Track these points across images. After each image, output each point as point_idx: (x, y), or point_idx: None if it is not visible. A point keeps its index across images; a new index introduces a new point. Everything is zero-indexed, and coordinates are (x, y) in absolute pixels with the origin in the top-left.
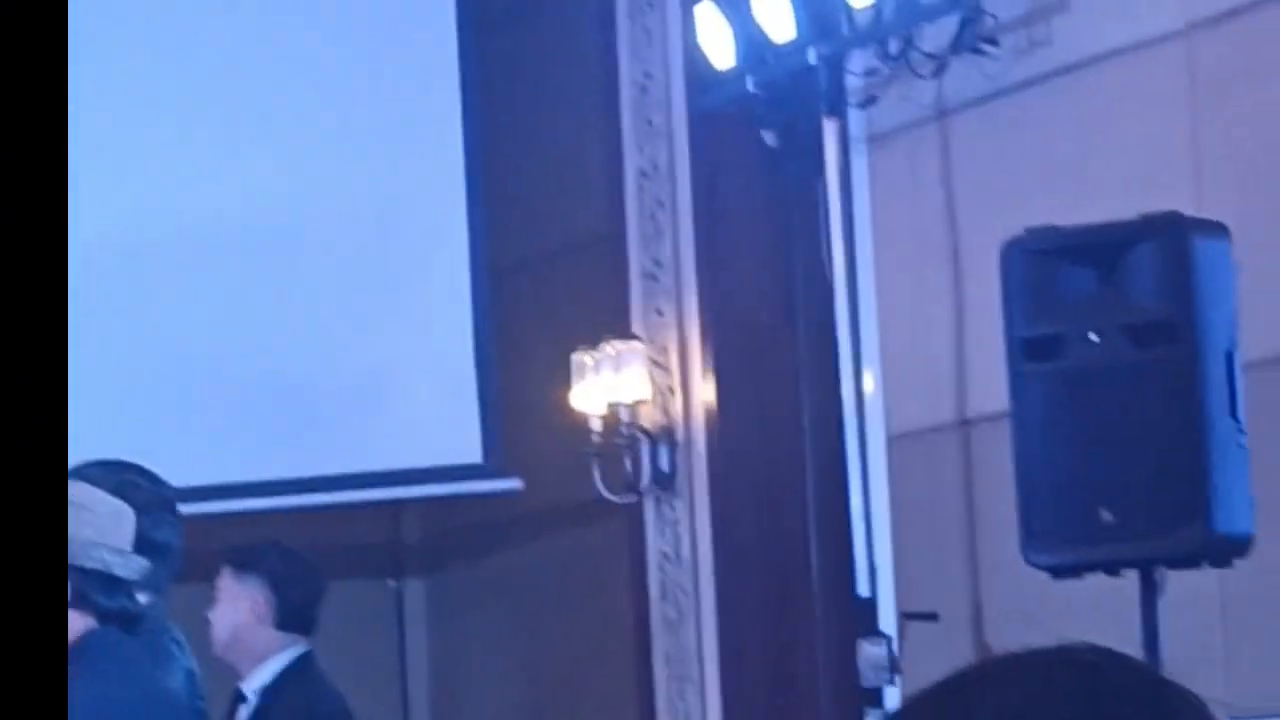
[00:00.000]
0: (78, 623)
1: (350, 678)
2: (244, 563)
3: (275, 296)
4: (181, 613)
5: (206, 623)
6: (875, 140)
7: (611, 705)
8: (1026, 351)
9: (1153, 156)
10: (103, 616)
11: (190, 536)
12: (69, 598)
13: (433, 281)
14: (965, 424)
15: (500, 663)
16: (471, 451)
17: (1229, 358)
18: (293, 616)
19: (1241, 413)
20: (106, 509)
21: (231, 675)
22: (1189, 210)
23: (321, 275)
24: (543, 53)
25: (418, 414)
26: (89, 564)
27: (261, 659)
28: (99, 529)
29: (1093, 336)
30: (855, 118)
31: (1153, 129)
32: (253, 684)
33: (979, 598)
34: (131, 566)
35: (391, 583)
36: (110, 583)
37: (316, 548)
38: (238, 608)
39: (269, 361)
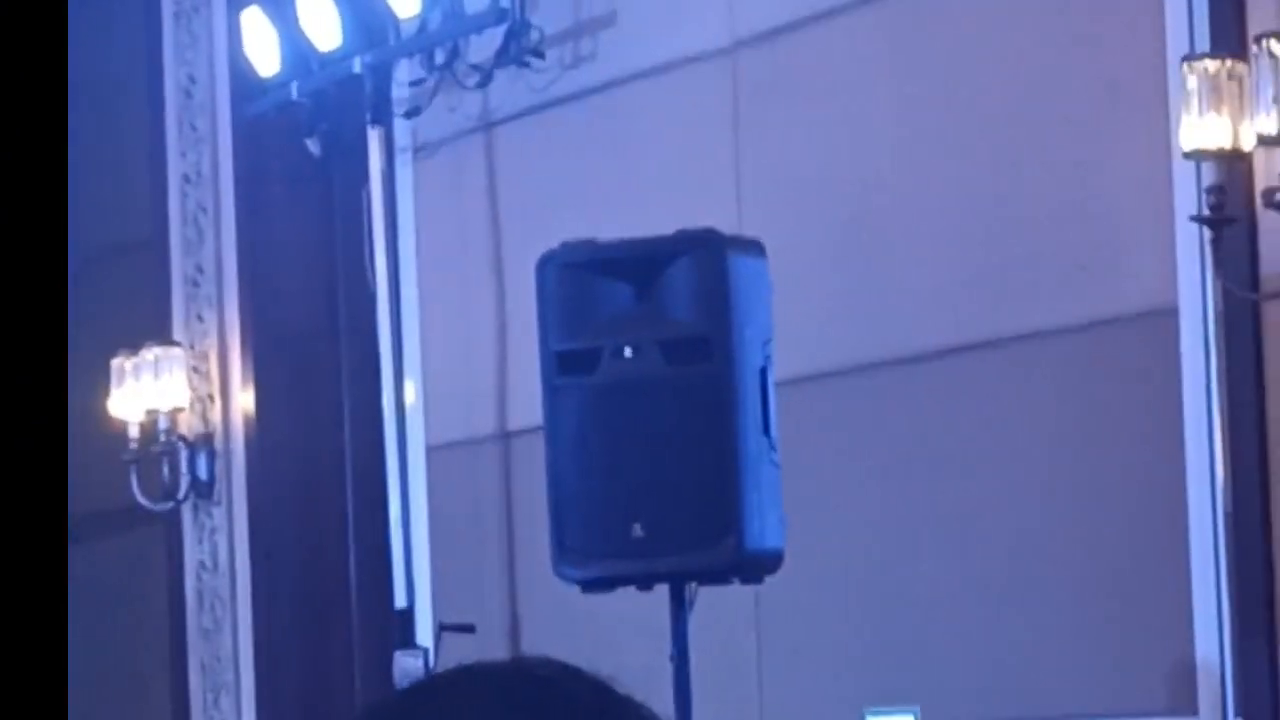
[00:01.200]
0: None
1: None
2: None
3: None
4: None
5: None
6: (420, 150)
7: (146, 713)
8: (561, 365)
9: (696, 172)
10: None
11: None
12: None
13: None
14: (505, 436)
15: None
16: None
17: (763, 375)
18: None
19: (775, 430)
20: None
21: None
22: (731, 227)
23: None
24: (87, 54)
25: None
26: None
27: None
28: None
29: (627, 351)
30: (401, 127)
31: (697, 144)
32: None
33: (517, 610)
34: None
35: None
36: None
37: None
38: None
39: None
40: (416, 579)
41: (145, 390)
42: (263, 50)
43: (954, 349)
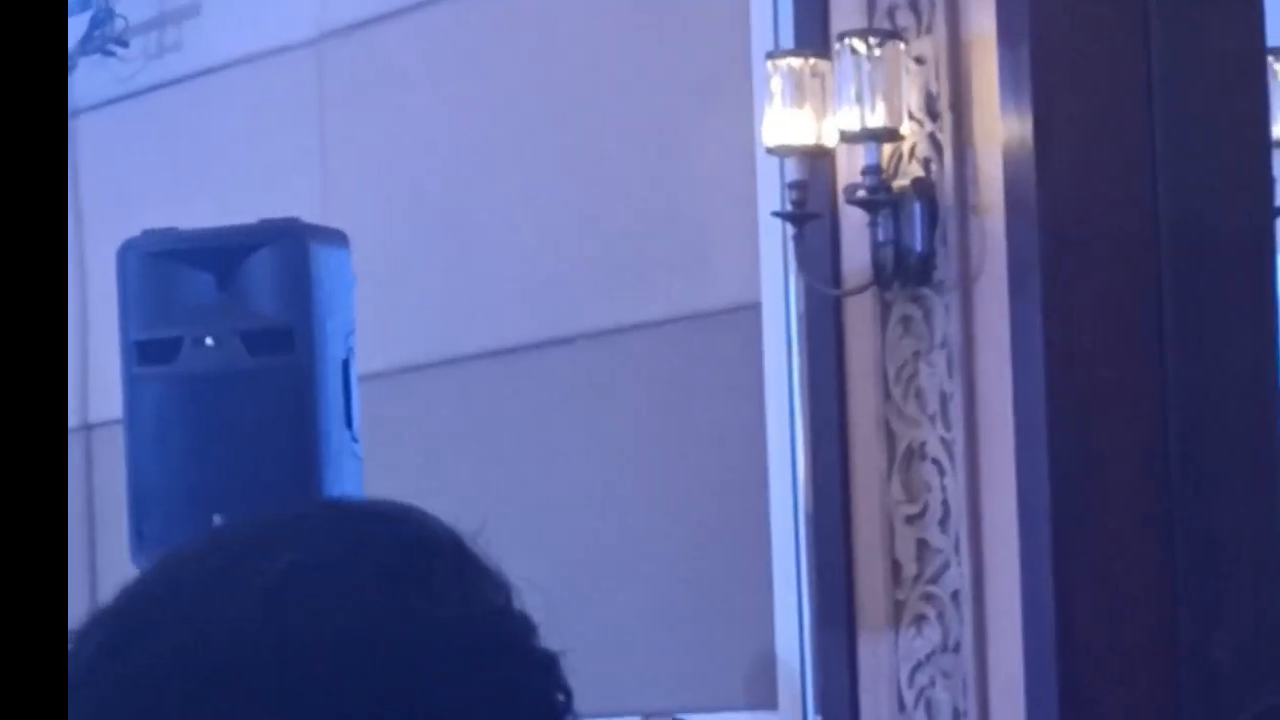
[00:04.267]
0: None
1: None
2: None
3: None
4: None
5: None
6: None
7: None
8: (141, 354)
9: (283, 163)
10: None
11: None
12: None
13: None
14: (87, 428)
15: None
16: None
17: (345, 367)
18: None
19: (357, 423)
20: None
21: None
22: (317, 219)
23: None
24: None
25: None
26: None
27: None
28: None
29: (209, 341)
30: None
31: (283, 136)
32: None
33: (97, 601)
34: None
35: None
36: None
37: None
38: None
39: None
40: None
41: None
42: None
43: (541, 343)
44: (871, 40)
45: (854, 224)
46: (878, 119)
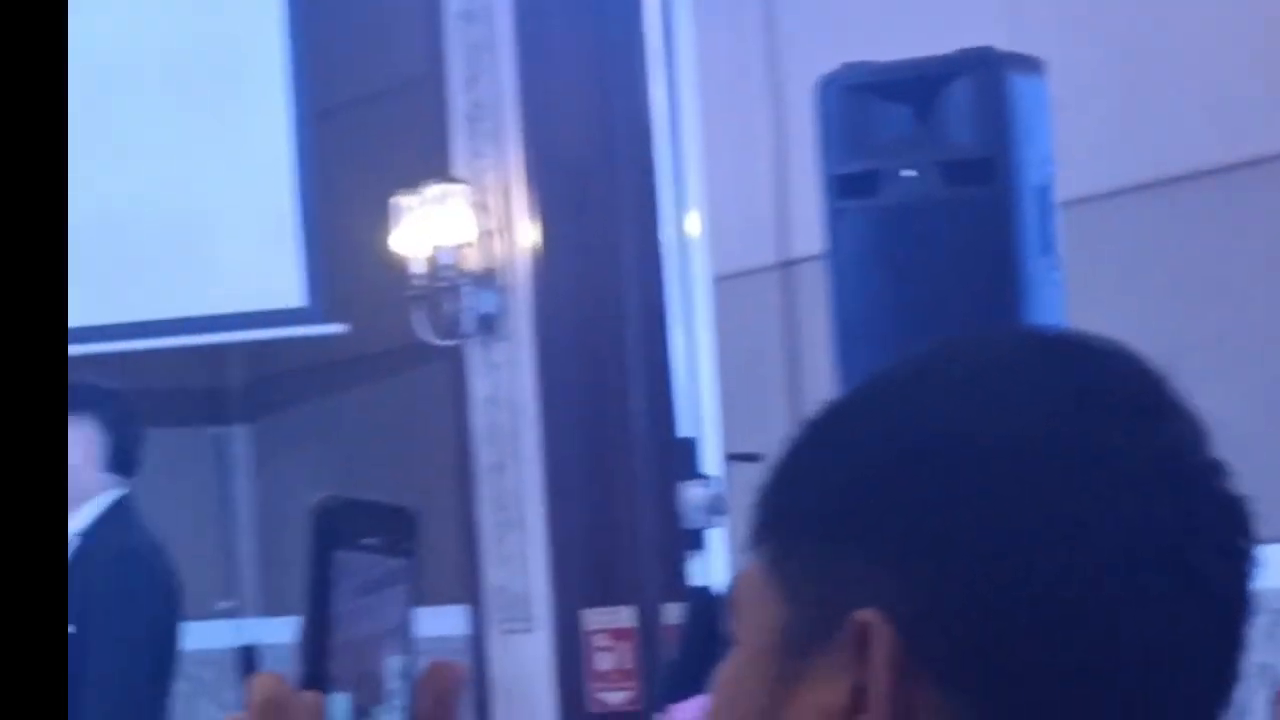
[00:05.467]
0: None
1: (171, 524)
2: (74, 404)
3: (93, 138)
4: None
5: None
6: None
7: (436, 551)
8: (841, 189)
9: None
10: None
11: None
12: None
13: (253, 122)
14: (788, 265)
15: None
16: (294, 295)
17: (1043, 194)
18: (120, 458)
19: (1056, 251)
20: None
21: None
22: (1005, 45)
23: (139, 115)
24: None
25: (239, 257)
26: None
27: (82, 501)
28: None
29: (908, 173)
30: None
31: None
32: (74, 526)
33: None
34: None
35: (211, 429)
36: None
37: (139, 393)
38: (70, 450)
39: (88, 204)
40: (702, 409)
41: (428, 227)
42: None
43: (1234, 165)
44: None
45: None
46: None
